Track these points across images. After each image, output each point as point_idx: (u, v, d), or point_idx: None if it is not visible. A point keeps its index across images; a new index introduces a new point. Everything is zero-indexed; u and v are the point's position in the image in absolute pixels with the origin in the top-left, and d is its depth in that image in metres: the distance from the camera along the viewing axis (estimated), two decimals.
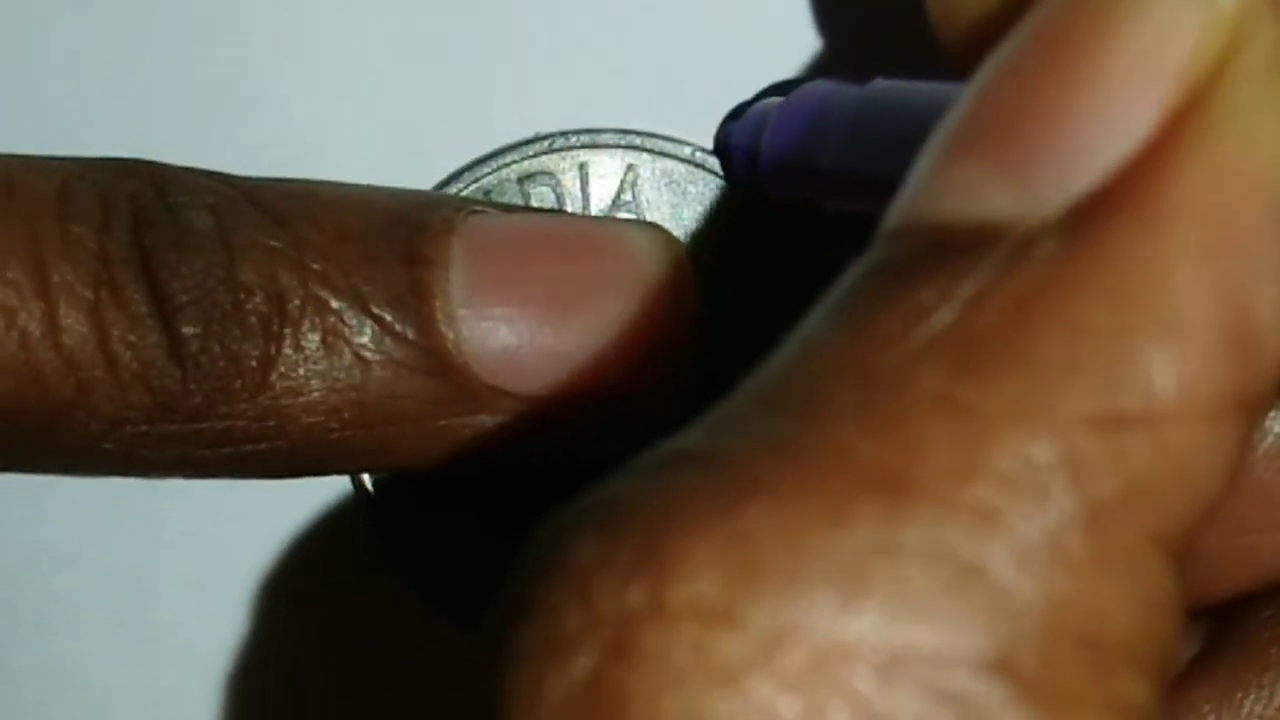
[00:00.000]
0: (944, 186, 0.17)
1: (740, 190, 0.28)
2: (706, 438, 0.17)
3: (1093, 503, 0.16)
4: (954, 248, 0.17)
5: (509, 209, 0.27)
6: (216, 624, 0.28)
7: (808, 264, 0.27)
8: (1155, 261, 0.16)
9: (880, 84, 0.24)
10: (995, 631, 0.16)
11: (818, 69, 0.28)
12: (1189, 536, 0.17)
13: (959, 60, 0.19)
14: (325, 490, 0.28)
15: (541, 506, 0.27)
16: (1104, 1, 0.17)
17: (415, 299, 0.24)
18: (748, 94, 0.28)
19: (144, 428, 0.24)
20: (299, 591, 0.28)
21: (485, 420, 0.25)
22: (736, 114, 0.27)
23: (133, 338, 0.24)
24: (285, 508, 0.28)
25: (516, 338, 0.25)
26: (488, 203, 0.27)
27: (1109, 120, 0.17)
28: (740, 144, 0.27)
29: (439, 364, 0.24)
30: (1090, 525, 0.16)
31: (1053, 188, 0.17)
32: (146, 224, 0.24)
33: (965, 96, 0.18)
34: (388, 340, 0.24)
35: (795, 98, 0.26)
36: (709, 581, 0.16)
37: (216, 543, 0.28)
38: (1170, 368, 0.16)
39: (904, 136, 0.21)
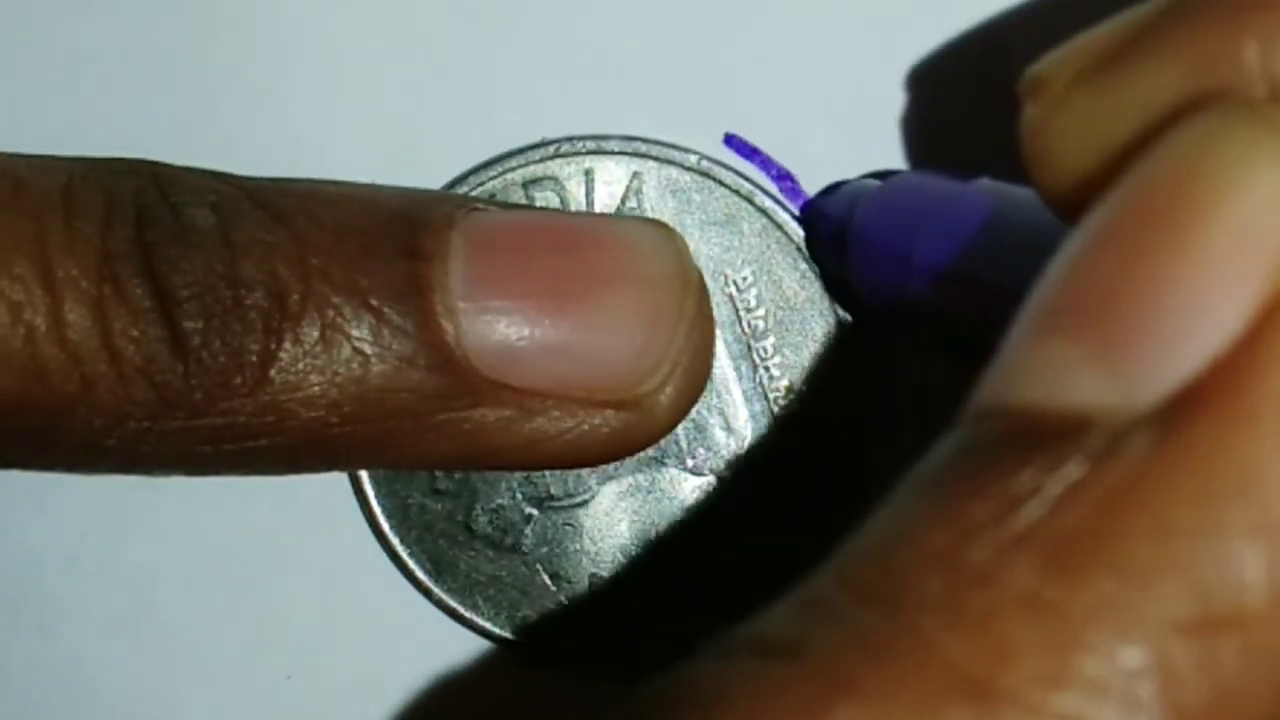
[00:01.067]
0: (1034, 367, 0.17)
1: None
2: (793, 625, 0.17)
3: (1183, 711, 0.16)
4: (1044, 435, 0.17)
5: (509, 206, 0.27)
6: (216, 624, 0.28)
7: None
8: (1248, 460, 0.16)
9: (985, 184, 0.24)
10: None
11: (819, 70, 0.28)
12: None
13: (1056, 205, 0.19)
14: (325, 489, 0.28)
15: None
16: (1201, 175, 0.17)
17: (415, 293, 0.24)
18: (754, 102, 0.28)
19: (146, 423, 0.24)
20: (299, 591, 0.28)
21: (486, 414, 0.25)
22: (829, 191, 0.28)
23: (135, 332, 0.24)
24: (286, 507, 0.28)
25: (516, 331, 0.24)
26: (490, 202, 0.27)
27: (1204, 309, 0.17)
28: (832, 214, 0.27)
29: (439, 358, 0.24)
30: None
31: (1146, 378, 0.17)
32: (149, 221, 0.24)
33: (1056, 268, 0.18)
34: (387, 334, 0.24)
35: (894, 183, 0.26)
36: None
37: (216, 543, 0.28)
38: (1262, 568, 0.16)
39: (1007, 243, 0.21)
